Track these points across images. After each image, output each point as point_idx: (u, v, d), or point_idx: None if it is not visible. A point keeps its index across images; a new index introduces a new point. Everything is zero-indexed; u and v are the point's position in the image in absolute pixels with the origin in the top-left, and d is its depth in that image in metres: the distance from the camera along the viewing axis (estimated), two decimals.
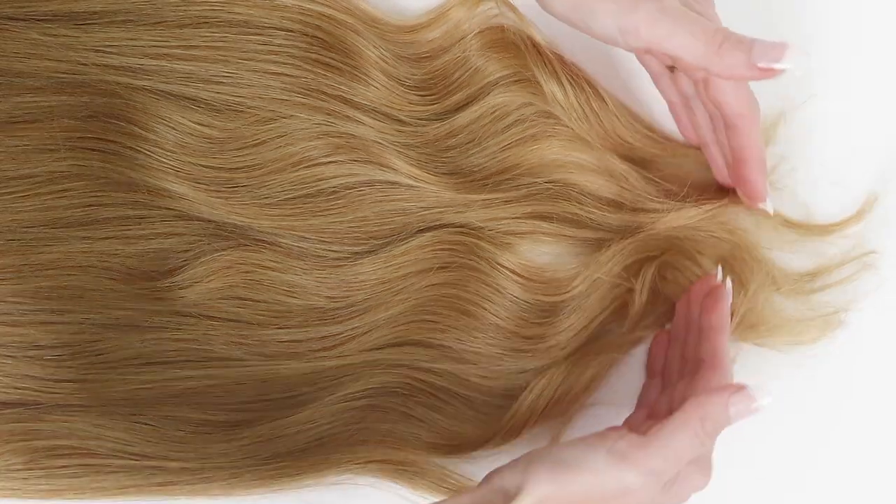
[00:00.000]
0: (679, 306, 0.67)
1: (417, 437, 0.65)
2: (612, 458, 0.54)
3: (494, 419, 0.66)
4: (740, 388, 0.55)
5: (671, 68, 0.64)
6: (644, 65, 0.65)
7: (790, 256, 0.69)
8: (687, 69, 0.60)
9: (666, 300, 0.69)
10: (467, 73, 0.68)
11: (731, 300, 0.65)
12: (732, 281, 0.66)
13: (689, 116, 0.66)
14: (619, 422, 0.62)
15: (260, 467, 0.65)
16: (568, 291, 0.68)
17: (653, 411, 0.62)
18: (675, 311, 0.68)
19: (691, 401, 0.55)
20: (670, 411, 0.57)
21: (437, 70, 0.68)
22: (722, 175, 0.67)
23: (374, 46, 0.67)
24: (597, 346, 0.68)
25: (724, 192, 0.68)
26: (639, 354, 0.69)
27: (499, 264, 0.67)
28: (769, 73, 0.54)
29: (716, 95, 0.60)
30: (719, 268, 0.66)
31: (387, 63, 0.67)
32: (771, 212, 0.66)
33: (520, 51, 0.66)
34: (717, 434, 0.56)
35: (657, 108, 0.68)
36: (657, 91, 0.66)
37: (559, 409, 0.66)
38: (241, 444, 0.64)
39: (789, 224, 0.68)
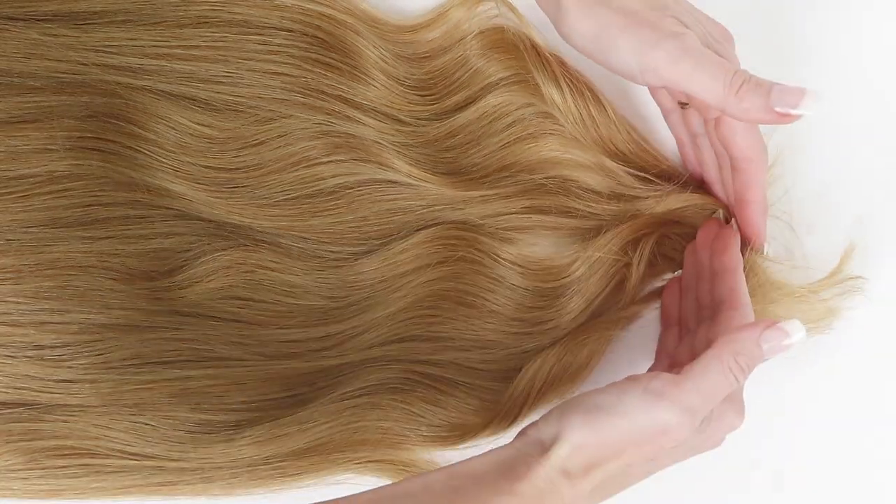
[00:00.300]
0: (687, 254, 0.67)
1: (418, 432, 0.65)
2: (648, 396, 0.54)
3: (495, 404, 0.66)
4: (772, 322, 0.55)
5: (683, 105, 0.64)
6: (656, 100, 0.65)
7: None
8: (702, 108, 0.60)
9: (663, 270, 0.69)
10: (467, 74, 0.68)
11: (739, 239, 0.64)
12: None
13: (696, 153, 0.66)
14: None
15: (260, 467, 0.65)
16: (567, 276, 0.68)
17: (674, 360, 0.62)
18: (684, 259, 0.67)
19: (722, 338, 0.55)
20: (693, 357, 0.56)
21: (437, 70, 0.68)
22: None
23: (374, 46, 0.67)
24: (593, 324, 0.68)
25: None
26: (635, 348, 0.69)
27: (498, 256, 0.68)
28: (786, 118, 0.54)
29: (726, 137, 0.60)
30: (720, 211, 0.66)
31: (387, 63, 0.67)
32: (768, 254, 0.66)
33: (520, 52, 0.66)
34: (751, 370, 0.55)
35: (657, 119, 0.68)
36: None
37: (557, 388, 0.66)
38: (241, 444, 0.64)
39: (778, 285, 0.68)
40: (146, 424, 0.65)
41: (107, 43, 0.66)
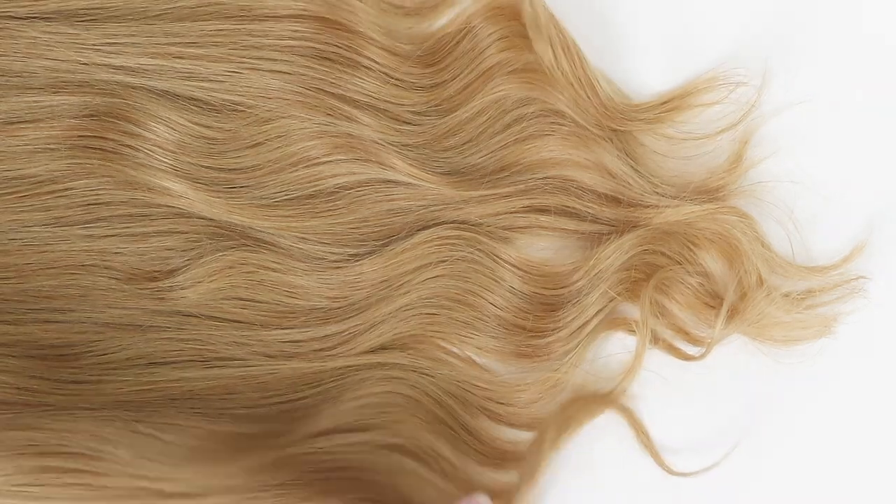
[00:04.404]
0: None
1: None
2: None
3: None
4: None
5: None
6: None
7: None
8: None
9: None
10: (469, 50, 0.67)
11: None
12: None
13: None
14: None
15: (265, 492, 0.63)
16: (567, 286, 0.68)
17: None
18: None
19: None
20: None
21: (440, 49, 0.68)
22: None
23: (377, 29, 0.67)
24: (591, 396, 0.67)
25: (719, 192, 0.68)
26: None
27: (498, 257, 0.67)
28: None
29: None
30: None
31: (388, 49, 0.67)
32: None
33: (518, 13, 0.66)
34: None
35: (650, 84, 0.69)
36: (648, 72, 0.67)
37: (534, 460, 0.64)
38: (247, 466, 0.63)
39: (782, 263, 0.68)
40: (147, 432, 0.64)
41: (106, 41, 0.66)
